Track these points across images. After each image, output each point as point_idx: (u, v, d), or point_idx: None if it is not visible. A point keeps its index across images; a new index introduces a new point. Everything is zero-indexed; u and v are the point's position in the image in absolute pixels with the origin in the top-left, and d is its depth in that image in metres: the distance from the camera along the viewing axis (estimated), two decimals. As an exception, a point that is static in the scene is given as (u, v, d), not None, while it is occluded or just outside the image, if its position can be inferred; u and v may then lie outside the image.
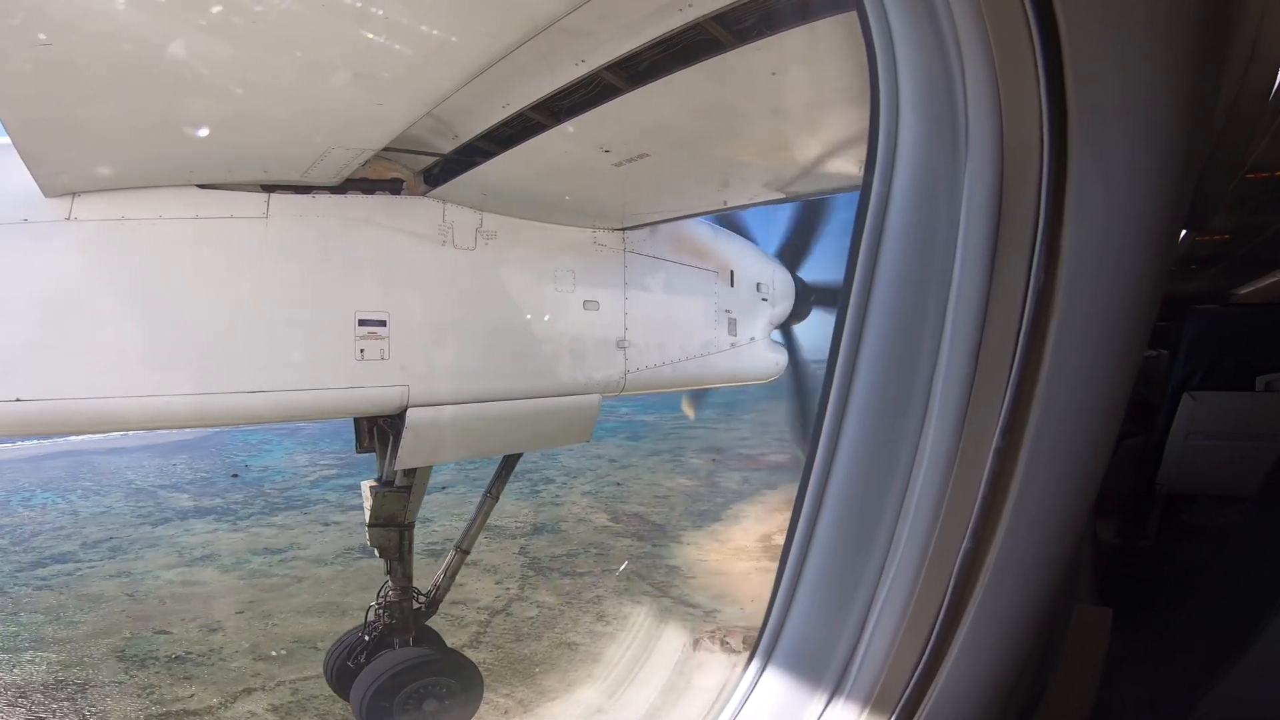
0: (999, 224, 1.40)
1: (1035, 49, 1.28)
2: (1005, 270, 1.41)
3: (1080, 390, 1.44)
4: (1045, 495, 1.47)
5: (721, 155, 5.71)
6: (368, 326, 5.82)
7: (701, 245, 8.39)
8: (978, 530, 1.47)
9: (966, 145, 1.43)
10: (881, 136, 1.59)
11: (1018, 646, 1.55)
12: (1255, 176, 3.90)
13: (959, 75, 1.41)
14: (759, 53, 3.80)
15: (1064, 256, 1.36)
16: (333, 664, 8.27)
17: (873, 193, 1.61)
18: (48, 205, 5.04)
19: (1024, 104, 1.33)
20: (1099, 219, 1.35)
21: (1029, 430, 1.42)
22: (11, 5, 3.19)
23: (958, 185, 1.46)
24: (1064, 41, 1.26)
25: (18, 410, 4.92)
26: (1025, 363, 1.41)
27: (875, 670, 1.58)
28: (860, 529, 1.64)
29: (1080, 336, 1.41)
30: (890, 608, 1.57)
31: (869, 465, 1.63)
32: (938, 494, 1.51)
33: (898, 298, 1.59)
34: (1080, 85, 1.28)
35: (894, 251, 1.59)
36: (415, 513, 7.58)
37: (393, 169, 6.00)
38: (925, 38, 1.44)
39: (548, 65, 4.11)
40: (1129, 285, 1.40)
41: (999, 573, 1.48)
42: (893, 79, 1.55)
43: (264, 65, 3.94)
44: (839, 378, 1.66)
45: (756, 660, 1.77)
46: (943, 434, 1.50)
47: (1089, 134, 1.31)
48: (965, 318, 1.46)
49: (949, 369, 1.49)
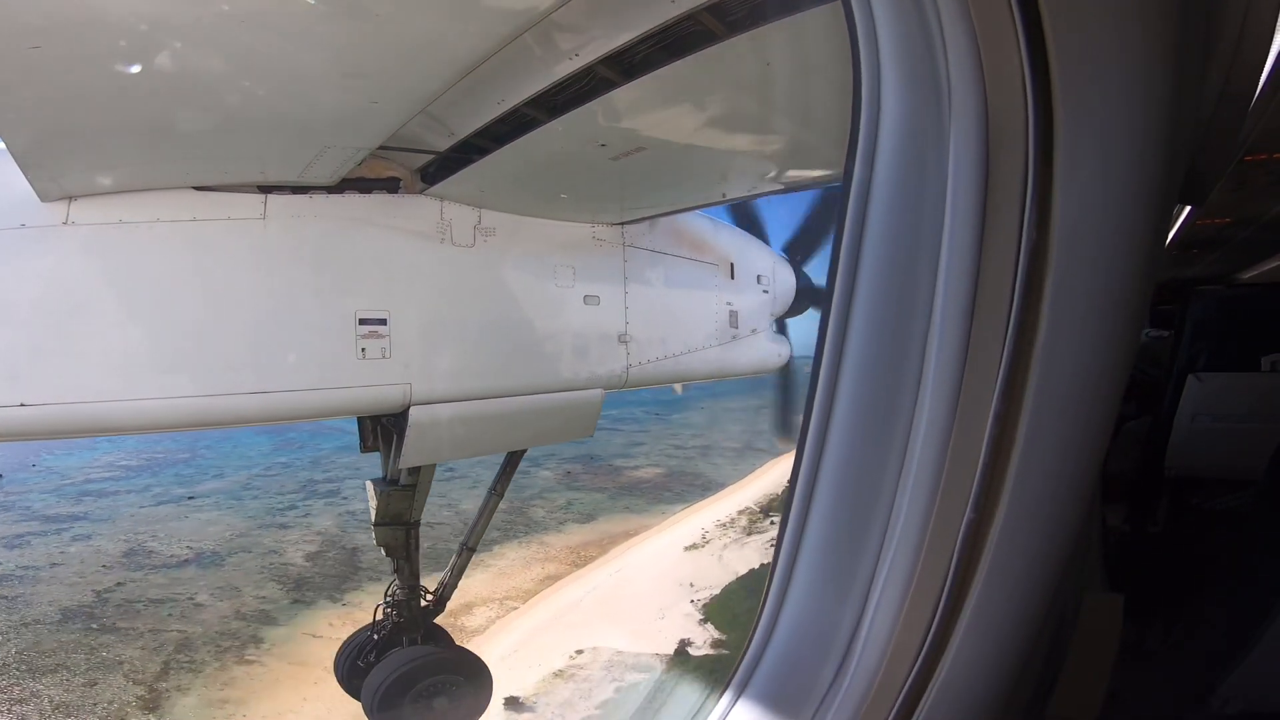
0: (987, 187, 1.37)
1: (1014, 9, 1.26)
2: (996, 232, 1.37)
3: (1081, 345, 1.40)
4: (1049, 461, 1.42)
5: (718, 147, 5.68)
6: (368, 325, 5.82)
7: (701, 238, 8.37)
8: (978, 504, 1.42)
9: (950, 109, 1.40)
10: (864, 103, 1.56)
11: (1023, 630, 1.51)
12: (1253, 158, 3.87)
13: (939, 39, 1.38)
14: (752, 43, 3.78)
15: (1055, 215, 1.33)
16: (342, 663, 8.31)
17: (857, 160, 1.59)
18: (44, 210, 5.05)
19: (1006, 65, 1.31)
20: (1092, 179, 1.32)
21: (1029, 390, 1.38)
22: (1, 9, 3.18)
23: (944, 150, 1.43)
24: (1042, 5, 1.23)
25: (22, 415, 4.94)
26: (1021, 321, 1.37)
27: (877, 656, 1.54)
28: (856, 511, 1.61)
29: (1077, 291, 1.37)
30: (890, 592, 1.53)
31: (864, 440, 1.59)
32: (937, 464, 1.46)
33: (888, 264, 1.56)
34: (1060, 43, 1.25)
35: (880, 221, 1.56)
36: (420, 510, 7.61)
37: (389, 167, 6.00)
38: (906, 5, 1.43)
39: (541, 60, 4.10)
40: (1125, 244, 1.37)
41: (1001, 553, 1.44)
42: (873, 44, 1.52)
43: (257, 65, 3.94)
44: (829, 351, 1.63)
45: (753, 648, 1.75)
46: (939, 399, 1.46)
47: (1074, 94, 1.28)
48: (957, 282, 1.42)
49: (942, 331, 1.45)
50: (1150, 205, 1.36)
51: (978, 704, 1.53)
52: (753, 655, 1.74)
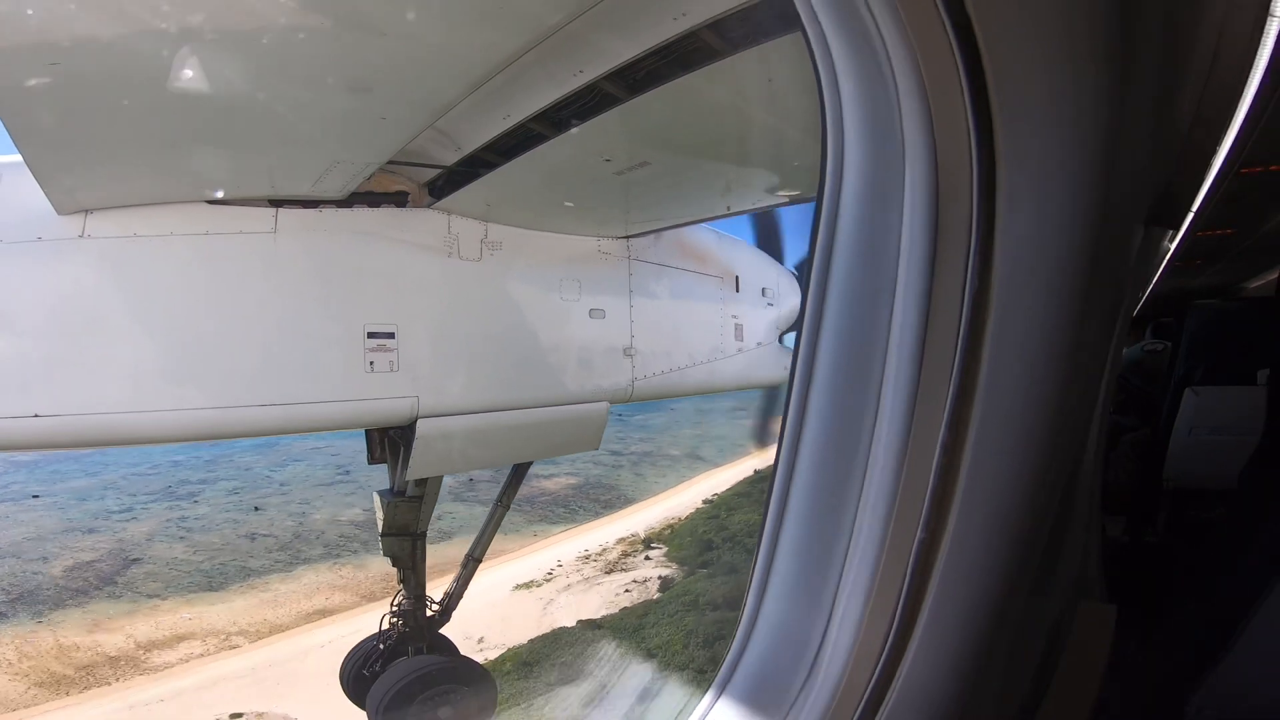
0: (936, 231, 1.48)
1: (960, 73, 1.35)
2: (944, 273, 1.48)
3: (1018, 386, 1.50)
4: (991, 486, 1.54)
5: (722, 161, 5.75)
6: (377, 339, 5.88)
7: (706, 251, 8.42)
8: (928, 524, 1.53)
9: (904, 161, 1.51)
10: (830, 157, 1.68)
11: (979, 630, 1.60)
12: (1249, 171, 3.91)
13: (896, 100, 1.48)
14: (754, 59, 3.84)
15: (997, 256, 1.43)
16: (348, 672, 8.33)
17: (823, 208, 1.70)
18: (61, 223, 5.15)
19: (953, 122, 1.41)
20: (1028, 219, 1.42)
21: (971, 425, 1.49)
22: (21, 27, 3.28)
23: (899, 198, 1.54)
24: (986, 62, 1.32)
25: (36, 426, 5.01)
26: (966, 359, 1.47)
27: (842, 660, 1.63)
28: (825, 523, 1.70)
29: (1017, 332, 1.47)
30: (854, 597, 1.62)
31: (831, 464, 1.70)
32: (891, 488, 1.57)
33: (850, 304, 1.67)
34: (1003, 102, 1.35)
35: (845, 261, 1.67)
36: (427, 522, 7.65)
37: (397, 181, 6.08)
38: (866, 67, 1.53)
39: (547, 75, 4.17)
40: (1062, 282, 1.47)
41: (951, 561, 1.54)
42: (838, 106, 1.64)
43: (270, 81, 4.02)
44: (798, 381, 1.74)
45: (734, 650, 1.83)
46: (894, 430, 1.57)
47: (1013, 145, 1.38)
48: (909, 322, 1.53)
49: (897, 368, 1.56)
50: (1089, 230, 1.45)
51: (936, 702, 1.62)
52: (733, 657, 1.82)
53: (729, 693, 1.77)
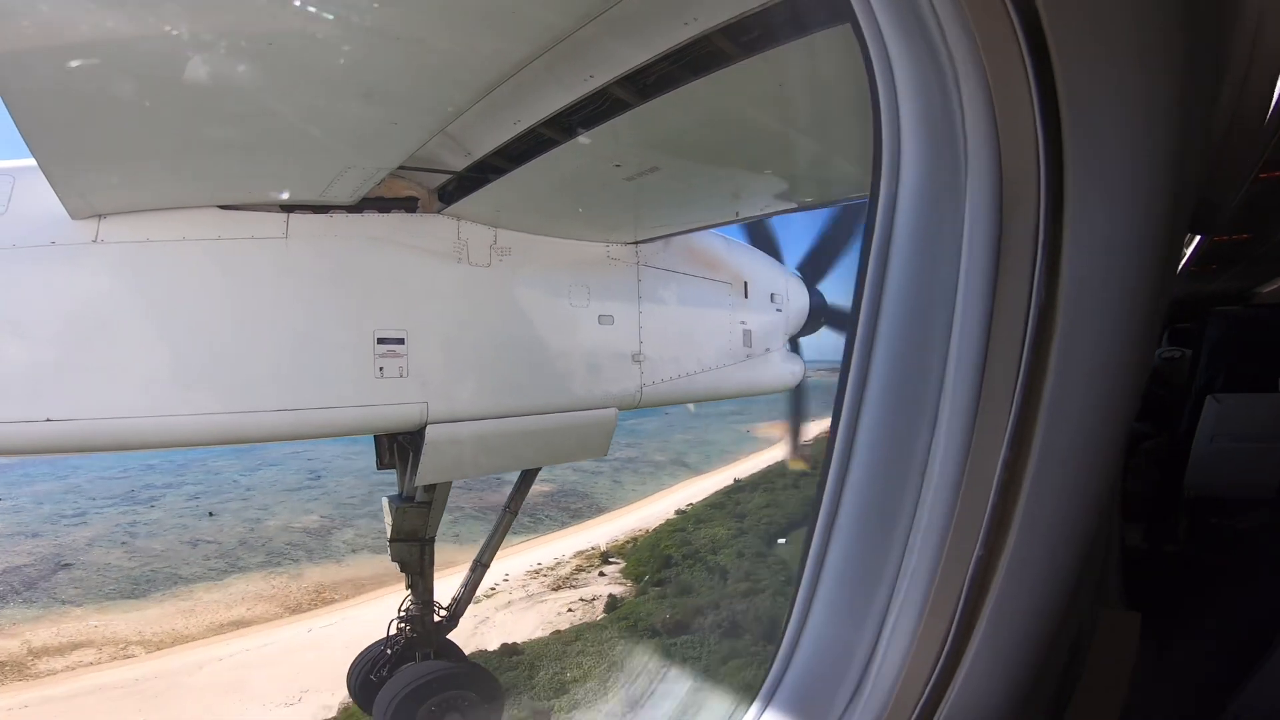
0: (1000, 246, 1.44)
1: (1029, 76, 1.32)
2: (1007, 286, 1.45)
3: (1085, 403, 1.47)
4: (1054, 503, 1.50)
5: (731, 167, 5.74)
6: (386, 344, 5.90)
7: (715, 257, 8.42)
8: (988, 538, 1.50)
9: (966, 171, 1.47)
10: (885, 163, 1.64)
11: (1035, 650, 1.57)
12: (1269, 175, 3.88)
13: (957, 102, 1.45)
14: (765, 64, 3.83)
15: (1064, 274, 1.40)
16: (356, 677, 8.33)
17: (878, 216, 1.66)
18: (74, 227, 5.19)
19: (1020, 129, 1.37)
20: (1098, 236, 1.39)
21: (1035, 442, 1.46)
22: (37, 32, 3.31)
23: (959, 210, 1.50)
24: (1056, 67, 1.29)
25: (48, 430, 5.03)
26: (1029, 378, 1.45)
27: (892, 675, 1.60)
28: (875, 537, 1.68)
29: (1083, 350, 1.44)
30: (906, 613, 1.60)
31: (882, 477, 1.67)
32: (949, 504, 1.54)
33: (905, 316, 1.64)
34: (1074, 109, 1.31)
35: (900, 273, 1.64)
36: (436, 528, 7.65)
37: (408, 187, 6.10)
38: (924, 65, 1.49)
39: (557, 81, 4.17)
40: (1130, 297, 1.44)
41: (1011, 578, 1.51)
42: (893, 106, 1.59)
43: (282, 87, 4.04)
44: (850, 395, 1.71)
45: (775, 669, 1.80)
46: (951, 448, 1.54)
47: (1084, 156, 1.34)
48: (970, 336, 1.50)
49: (955, 383, 1.53)
50: (1158, 248, 1.42)
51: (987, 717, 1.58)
52: (777, 670, 1.81)
53: (774, 706, 1.75)
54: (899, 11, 1.46)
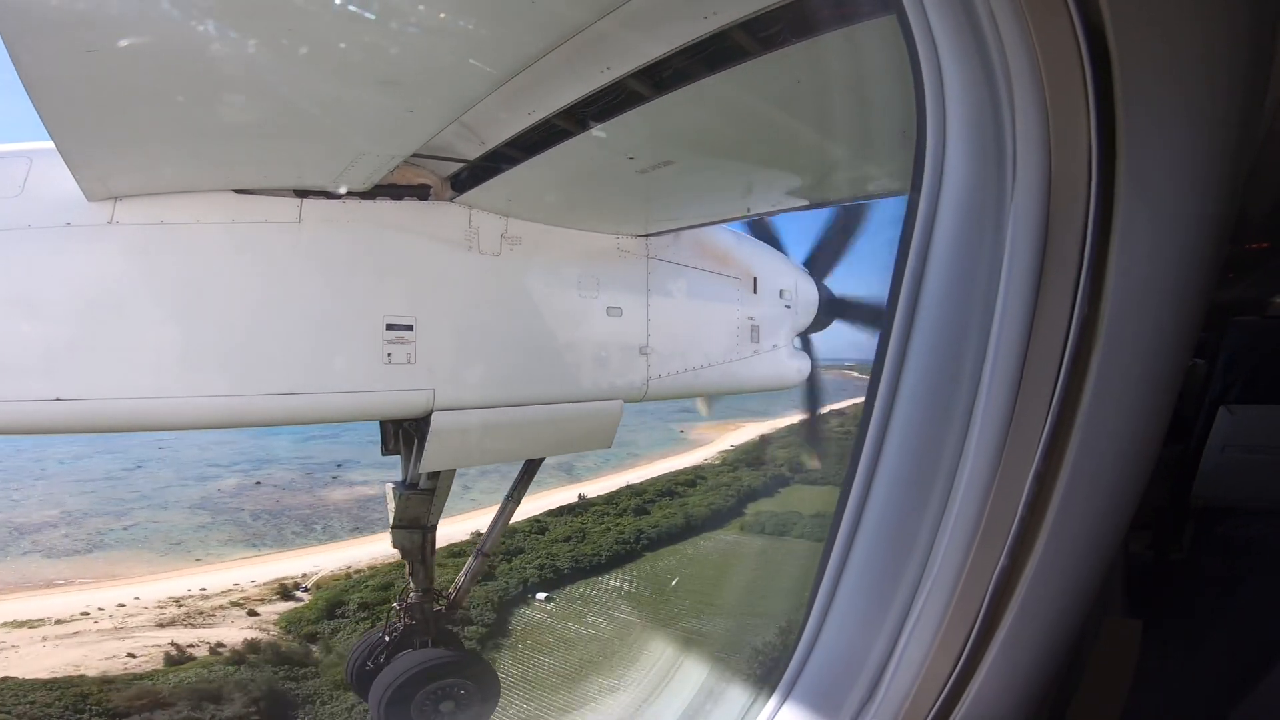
0: (1044, 257, 1.42)
1: (1087, 82, 1.28)
2: (1049, 299, 1.43)
3: (1120, 418, 1.46)
4: (1082, 517, 1.50)
5: (745, 162, 5.73)
6: (395, 330, 5.91)
7: (725, 252, 8.40)
8: (1014, 549, 1.49)
9: (1014, 178, 1.44)
10: (927, 166, 1.61)
11: (1051, 661, 1.57)
12: None
13: (1008, 105, 1.41)
14: (784, 60, 3.82)
15: (1109, 286, 1.38)
16: (354, 664, 8.37)
17: (918, 220, 1.63)
18: (90, 209, 5.20)
19: (1074, 140, 1.34)
20: (1143, 251, 1.36)
21: (1069, 456, 1.45)
22: (58, 15, 3.31)
23: (1002, 218, 1.48)
24: (1116, 74, 1.24)
25: (58, 409, 5.06)
26: (1067, 392, 1.43)
27: (909, 679, 1.61)
28: (898, 543, 1.68)
29: (1122, 365, 1.42)
30: (926, 619, 1.61)
31: (909, 484, 1.67)
32: (976, 514, 1.54)
33: (940, 324, 1.63)
34: (1131, 119, 1.27)
35: (937, 280, 1.62)
36: (439, 515, 7.68)
37: (420, 174, 6.10)
38: (974, 65, 1.45)
39: (574, 72, 4.16)
40: (1171, 313, 1.41)
41: (1034, 590, 1.51)
42: (940, 106, 1.56)
43: (299, 72, 4.04)
44: (881, 400, 1.70)
45: (793, 664, 1.81)
46: (982, 459, 1.53)
47: (1137, 169, 1.31)
48: (1008, 348, 1.48)
49: (989, 395, 1.52)
50: (1201, 265, 1.40)
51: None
52: (793, 670, 1.82)
53: (791, 701, 1.75)
54: (951, 7, 1.42)
